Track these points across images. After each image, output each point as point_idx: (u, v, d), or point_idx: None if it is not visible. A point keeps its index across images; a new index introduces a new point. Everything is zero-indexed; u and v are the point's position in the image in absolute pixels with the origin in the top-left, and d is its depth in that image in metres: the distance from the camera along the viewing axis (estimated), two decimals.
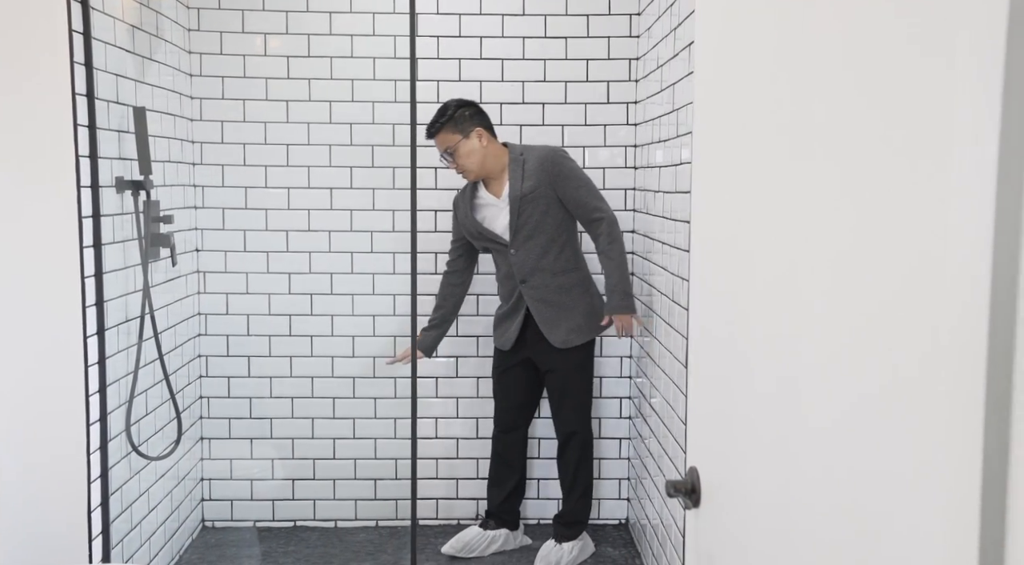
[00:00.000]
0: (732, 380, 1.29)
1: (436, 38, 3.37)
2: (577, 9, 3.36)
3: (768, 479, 1.15)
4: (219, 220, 3.40)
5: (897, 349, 0.81)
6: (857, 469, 0.90)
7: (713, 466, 1.38)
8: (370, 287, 3.45)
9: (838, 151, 0.94)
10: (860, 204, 0.88)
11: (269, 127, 3.38)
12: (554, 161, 3.00)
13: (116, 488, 2.66)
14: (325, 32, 3.35)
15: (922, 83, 0.77)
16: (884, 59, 0.84)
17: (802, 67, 1.04)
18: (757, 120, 1.19)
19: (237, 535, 3.51)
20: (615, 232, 3.01)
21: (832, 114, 0.95)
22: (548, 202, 3.00)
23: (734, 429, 1.29)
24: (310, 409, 3.50)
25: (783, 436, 1.10)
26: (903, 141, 0.80)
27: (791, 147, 1.07)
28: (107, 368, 2.55)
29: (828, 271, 0.96)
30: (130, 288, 2.76)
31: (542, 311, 3.09)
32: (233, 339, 3.46)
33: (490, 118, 3.09)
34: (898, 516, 0.81)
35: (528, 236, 3.03)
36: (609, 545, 3.42)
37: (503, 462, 3.30)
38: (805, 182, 1.02)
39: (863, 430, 0.88)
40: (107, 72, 2.58)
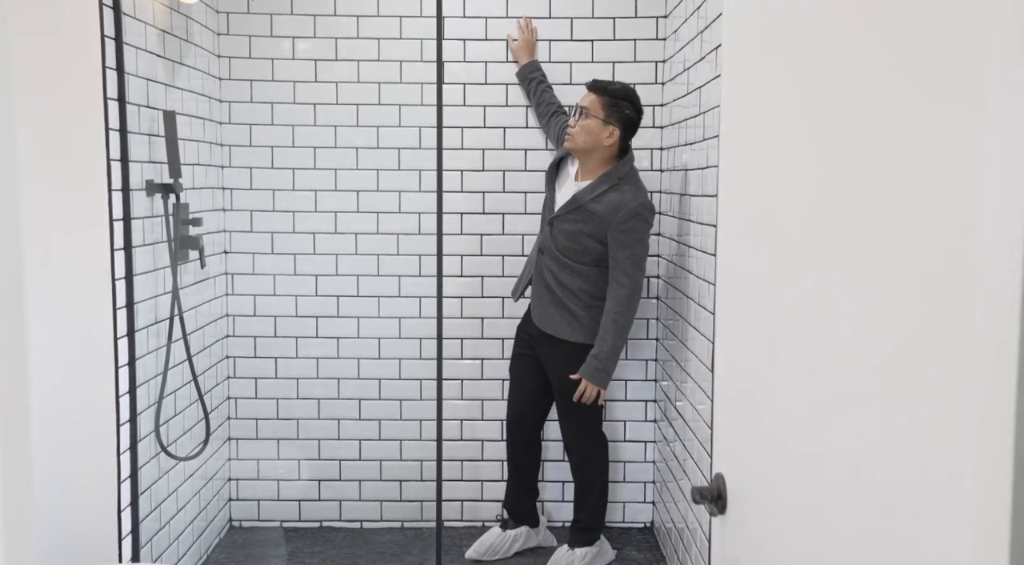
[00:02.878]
0: (759, 388, 1.28)
1: (463, 41, 3.38)
2: (603, 12, 3.36)
3: (795, 488, 1.15)
4: (247, 222, 3.43)
5: (927, 368, 0.81)
6: (887, 480, 0.89)
7: (739, 473, 1.37)
8: (396, 289, 3.46)
9: (866, 156, 0.93)
10: (888, 214, 0.88)
11: (297, 130, 3.40)
12: (629, 214, 2.90)
13: (145, 488, 2.69)
14: (352, 36, 3.37)
15: (952, 99, 0.76)
16: (914, 73, 0.84)
17: (832, 78, 1.03)
18: (785, 127, 1.19)
19: (264, 535, 3.54)
20: (627, 306, 2.93)
21: (863, 123, 0.95)
22: (593, 230, 2.97)
23: (761, 437, 1.28)
24: (336, 410, 3.52)
25: (810, 445, 1.09)
26: (933, 147, 0.79)
27: (817, 151, 1.06)
28: (137, 369, 2.58)
29: (857, 283, 0.96)
30: (160, 290, 2.79)
31: (539, 285, 3.09)
32: (261, 340, 3.49)
33: (636, 129, 3.02)
34: (928, 528, 0.80)
35: (568, 226, 3.00)
36: (634, 548, 3.41)
37: (513, 458, 3.30)
38: (832, 187, 1.02)
39: (892, 444, 0.88)
40: (138, 77, 2.61)
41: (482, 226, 3.46)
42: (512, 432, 3.30)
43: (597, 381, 2.99)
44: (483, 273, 3.47)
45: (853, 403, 0.97)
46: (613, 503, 3.55)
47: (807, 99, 1.10)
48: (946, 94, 0.78)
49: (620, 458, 3.56)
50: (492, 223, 3.46)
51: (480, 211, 3.45)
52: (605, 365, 2.97)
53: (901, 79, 0.86)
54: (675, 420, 3.09)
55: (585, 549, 3.20)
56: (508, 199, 3.44)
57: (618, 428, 3.55)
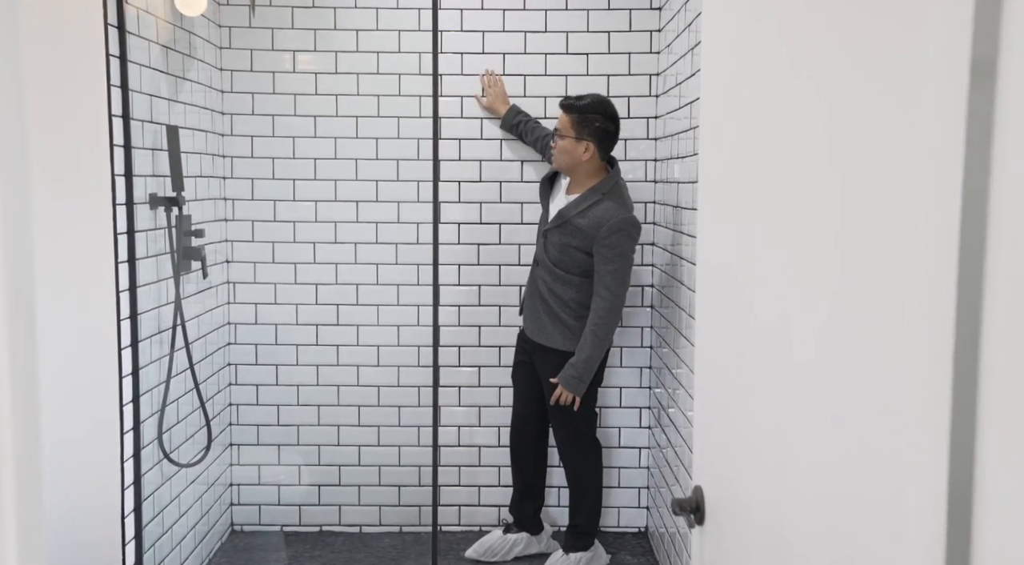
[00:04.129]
0: (732, 405, 1.35)
1: (460, 55, 3.44)
2: (598, 26, 3.42)
3: (763, 502, 1.21)
4: (249, 232, 3.49)
5: (871, 386, 0.87)
6: (842, 493, 0.95)
7: (716, 486, 1.43)
8: (395, 298, 3.53)
9: (818, 191, 0.99)
10: (848, 249, 0.94)
11: (298, 142, 3.47)
12: (612, 230, 2.96)
13: (148, 494, 2.75)
14: (352, 49, 3.43)
15: (898, 164, 0.83)
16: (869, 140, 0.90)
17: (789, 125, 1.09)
18: (751, 173, 1.25)
19: (265, 539, 3.60)
20: (606, 318, 2.99)
21: (821, 167, 1.01)
22: (580, 243, 3.03)
23: (734, 452, 1.34)
24: (336, 417, 3.59)
25: (776, 462, 1.16)
26: (878, 197, 0.86)
27: (777, 185, 1.13)
28: (140, 378, 2.64)
29: (814, 319, 1.02)
30: (163, 300, 2.85)
31: (533, 296, 3.17)
32: (262, 348, 3.55)
33: (615, 139, 3.08)
34: (876, 536, 0.87)
35: (557, 239, 3.08)
36: (628, 553, 3.47)
37: (515, 465, 3.37)
38: (794, 221, 1.08)
39: (845, 461, 0.94)
40: (142, 93, 2.68)
41: (479, 236, 3.52)
42: (513, 438, 3.37)
43: (572, 388, 3.06)
44: (480, 282, 3.54)
45: (811, 422, 1.03)
46: (608, 508, 3.61)
47: (773, 136, 1.17)
48: (895, 161, 0.84)
49: (615, 464, 3.62)
50: (489, 233, 3.52)
51: (477, 221, 3.51)
52: (580, 373, 3.04)
53: (849, 135, 0.93)
54: (667, 427, 3.15)
55: (580, 554, 3.26)
56: (505, 209, 3.51)
57: (613, 434, 3.61)
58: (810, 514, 1.04)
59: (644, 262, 3.52)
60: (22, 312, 0.74)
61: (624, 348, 3.55)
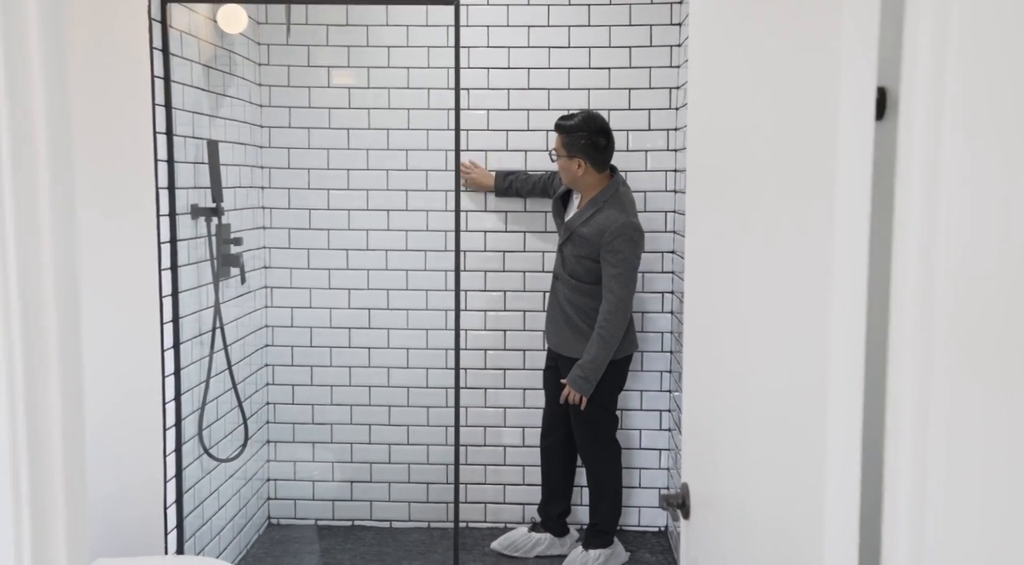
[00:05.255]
0: (711, 408, 1.47)
1: (486, 70, 3.58)
2: (620, 41, 3.54)
3: (730, 497, 1.33)
4: (285, 239, 3.67)
5: (801, 408, 1.00)
6: (783, 484, 1.07)
7: (699, 483, 1.55)
8: (423, 303, 3.68)
9: (763, 237, 1.12)
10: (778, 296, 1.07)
11: (331, 153, 3.63)
12: (613, 235, 3.10)
13: (189, 487, 2.93)
14: (384, 65, 3.59)
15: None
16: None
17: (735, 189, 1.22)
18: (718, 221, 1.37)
19: (300, 532, 3.77)
20: (611, 321, 3.11)
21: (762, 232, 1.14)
22: (589, 252, 3.17)
23: (712, 452, 1.46)
24: (368, 416, 3.75)
25: (738, 462, 1.28)
26: (798, 278, 0.98)
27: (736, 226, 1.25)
28: (182, 378, 2.82)
29: (767, 337, 1.15)
30: (203, 305, 3.03)
31: (555, 309, 3.31)
32: (297, 350, 3.72)
33: (608, 150, 3.20)
34: (809, 517, 0.99)
35: (569, 251, 3.22)
36: (647, 551, 3.58)
37: (543, 466, 3.50)
38: (746, 278, 1.20)
39: (783, 456, 1.06)
40: (184, 110, 2.86)
41: (505, 244, 3.66)
42: (542, 441, 3.51)
43: (579, 388, 3.19)
44: (505, 288, 3.67)
45: (765, 428, 1.16)
46: (628, 507, 3.72)
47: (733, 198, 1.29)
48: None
49: (636, 465, 3.73)
50: (514, 241, 3.66)
51: (503, 229, 3.65)
52: (587, 374, 3.17)
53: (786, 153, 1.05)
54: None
55: (599, 551, 3.38)
56: (529, 218, 3.64)
57: (634, 436, 3.72)
58: (764, 501, 1.16)
59: (664, 269, 3.63)
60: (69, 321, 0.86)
61: (645, 352, 3.66)
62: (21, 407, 0.77)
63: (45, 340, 0.79)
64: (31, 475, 0.78)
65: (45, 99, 0.79)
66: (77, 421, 0.85)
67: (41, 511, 0.80)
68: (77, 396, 0.85)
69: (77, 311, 0.85)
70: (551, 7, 3.54)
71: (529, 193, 3.57)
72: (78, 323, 0.86)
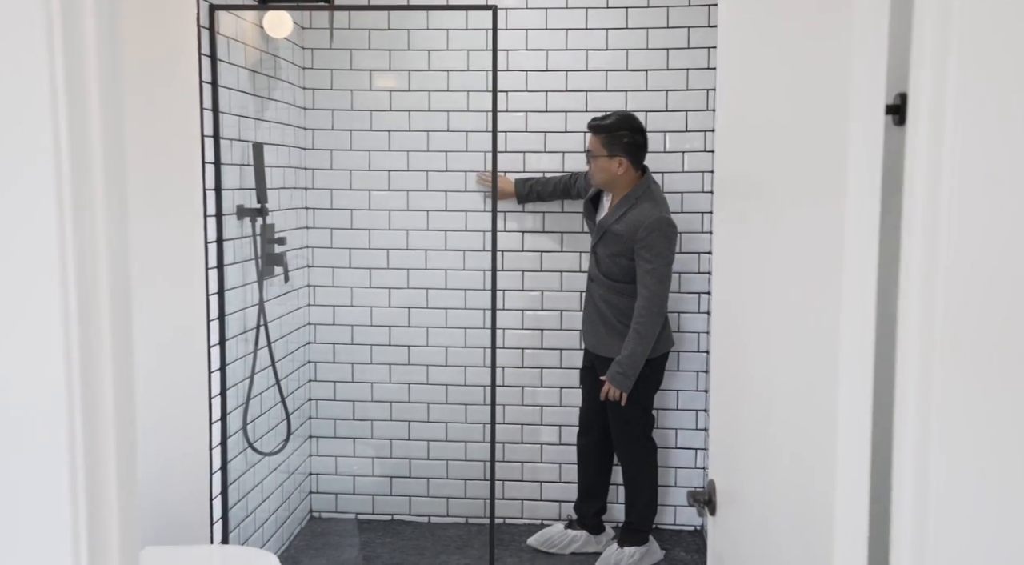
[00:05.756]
0: (737, 407, 1.50)
1: (524, 72, 3.63)
2: (657, 44, 3.56)
3: (754, 495, 1.36)
4: (328, 239, 3.75)
5: (819, 410, 1.03)
6: (803, 495, 1.11)
7: (725, 480, 1.59)
8: (462, 301, 3.74)
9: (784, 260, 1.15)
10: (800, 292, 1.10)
11: (373, 155, 3.71)
12: (648, 230, 3.13)
13: (234, 479, 3.02)
14: (424, 68, 3.66)
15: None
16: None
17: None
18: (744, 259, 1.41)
19: (341, 526, 3.86)
20: (647, 317, 3.14)
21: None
22: (622, 250, 3.21)
23: (737, 450, 1.50)
24: (407, 413, 3.82)
25: (759, 461, 1.31)
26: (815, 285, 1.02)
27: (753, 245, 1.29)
28: (227, 373, 2.91)
29: (787, 344, 1.18)
30: (248, 302, 3.12)
31: (591, 310, 3.35)
32: (339, 347, 3.81)
33: (646, 149, 3.25)
34: (823, 517, 1.02)
35: (604, 250, 3.25)
36: (683, 550, 3.61)
37: (579, 465, 3.55)
38: (771, 285, 1.24)
39: (809, 462, 1.10)
40: (231, 114, 2.95)
41: (542, 244, 3.71)
42: (579, 439, 3.55)
43: (618, 384, 3.22)
44: (543, 287, 3.72)
45: (783, 428, 1.19)
46: (664, 506, 3.75)
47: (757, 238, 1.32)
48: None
49: (672, 464, 3.76)
50: (552, 241, 3.70)
51: (540, 230, 3.70)
52: (625, 370, 3.20)
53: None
54: None
55: (634, 548, 3.41)
56: (566, 218, 3.68)
57: (669, 435, 3.75)
58: (782, 499, 1.20)
59: (700, 270, 3.65)
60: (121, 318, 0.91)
61: (681, 352, 3.68)
62: (78, 404, 0.83)
63: (99, 338, 0.85)
64: (87, 468, 0.84)
65: (100, 104, 0.85)
66: (128, 416, 0.90)
67: (95, 502, 0.85)
68: (128, 393, 0.90)
69: (128, 309, 0.90)
70: (589, 10, 3.58)
71: (550, 196, 3.61)
72: (129, 321, 0.91)
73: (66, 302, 0.81)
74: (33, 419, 0.81)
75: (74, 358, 0.81)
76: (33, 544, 0.83)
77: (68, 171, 0.80)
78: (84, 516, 0.84)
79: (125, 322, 0.89)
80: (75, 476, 0.83)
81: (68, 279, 0.81)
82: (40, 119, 0.79)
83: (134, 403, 0.92)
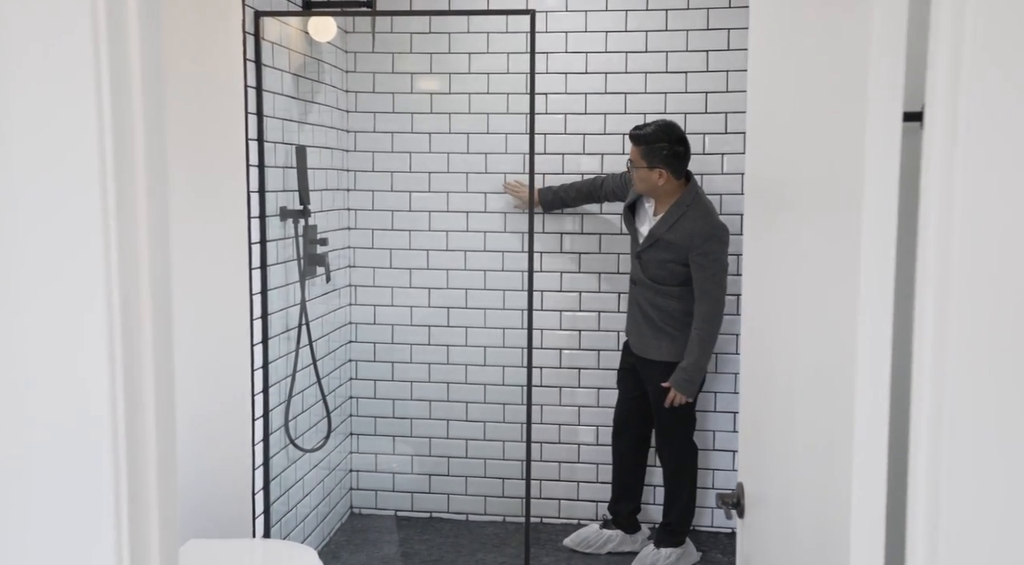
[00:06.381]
0: (764, 411, 1.51)
1: (564, 74, 3.65)
2: (697, 46, 3.57)
3: (780, 498, 1.38)
4: (369, 240, 3.81)
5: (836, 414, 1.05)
6: (823, 500, 1.12)
7: (754, 483, 1.60)
8: (501, 302, 3.77)
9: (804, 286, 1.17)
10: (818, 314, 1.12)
11: (413, 156, 3.76)
12: (704, 238, 3.16)
13: (276, 475, 3.09)
14: (464, 71, 3.70)
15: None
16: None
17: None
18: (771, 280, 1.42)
19: (380, 522, 3.92)
20: (710, 322, 3.17)
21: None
22: (675, 256, 3.22)
23: (764, 454, 1.51)
24: (446, 411, 3.87)
25: (784, 465, 1.32)
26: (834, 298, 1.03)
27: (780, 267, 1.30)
28: (269, 371, 2.98)
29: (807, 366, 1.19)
30: (290, 302, 3.19)
31: (635, 314, 3.36)
32: (379, 346, 3.87)
33: (687, 158, 3.24)
34: (842, 523, 1.04)
35: (653, 257, 3.27)
36: (719, 552, 3.61)
37: (615, 465, 3.56)
38: (792, 301, 1.25)
39: (829, 463, 1.11)
40: (275, 117, 3.01)
41: (581, 245, 3.73)
42: (614, 439, 3.57)
43: (684, 391, 3.23)
44: (581, 289, 3.74)
45: (806, 433, 1.20)
46: (701, 508, 3.75)
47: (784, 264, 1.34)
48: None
49: (710, 466, 3.75)
50: (590, 242, 3.72)
51: (579, 231, 3.72)
52: (691, 376, 3.21)
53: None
54: None
55: (670, 549, 3.42)
56: (604, 220, 3.70)
57: (708, 437, 3.74)
58: (805, 503, 1.21)
59: (738, 272, 3.64)
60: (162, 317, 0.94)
61: (719, 354, 3.68)
62: (121, 405, 0.87)
63: (141, 338, 0.89)
64: (128, 464, 0.88)
65: (143, 110, 0.89)
66: (168, 416, 0.94)
67: (136, 498, 0.89)
68: (168, 393, 0.94)
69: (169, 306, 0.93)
70: (628, 12, 3.59)
71: (575, 202, 3.62)
72: (170, 319, 0.94)
73: (109, 301, 0.85)
74: (78, 418, 0.86)
75: (117, 358, 0.86)
76: (76, 536, 0.87)
77: (112, 174, 0.84)
78: (126, 513, 0.87)
79: (166, 322, 0.93)
80: (118, 473, 0.87)
81: (111, 280, 0.85)
82: (87, 143, 0.83)
83: (174, 405, 0.96)
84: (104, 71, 0.83)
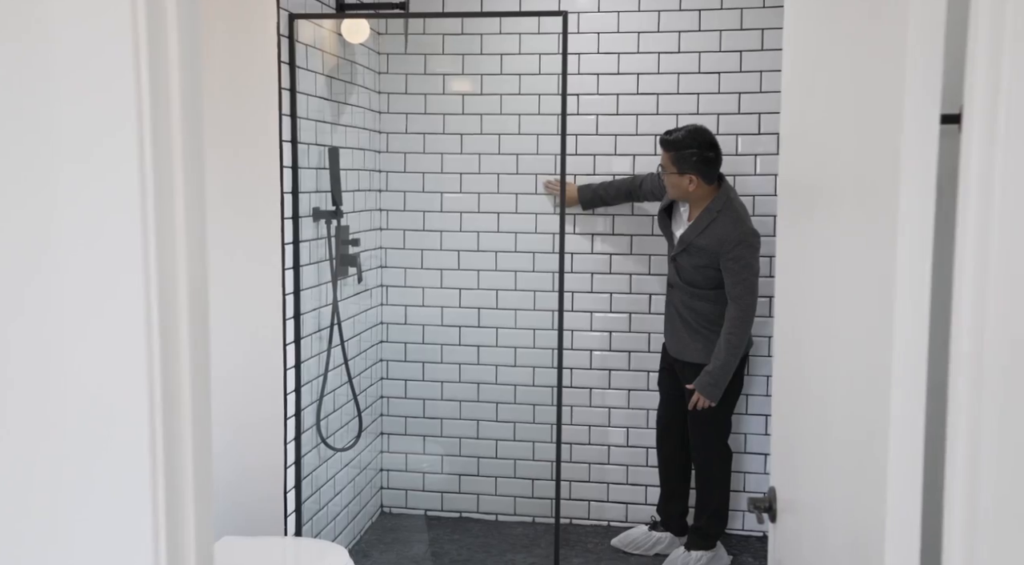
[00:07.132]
0: (796, 416, 1.50)
1: (596, 75, 3.65)
2: (730, 46, 3.54)
3: (813, 503, 1.37)
4: (401, 240, 3.83)
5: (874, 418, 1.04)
6: (856, 506, 1.11)
7: (786, 487, 1.59)
8: (531, 303, 3.78)
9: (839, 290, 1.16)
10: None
11: (445, 158, 3.77)
12: (734, 243, 3.14)
13: (307, 474, 3.11)
14: (496, 72, 3.71)
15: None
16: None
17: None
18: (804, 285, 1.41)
19: (410, 521, 3.93)
20: (739, 326, 3.16)
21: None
22: (708, 261, 3.21)
23: (796, 457, 1.50)
24: (476, 412, 3.88)
25: (816, 470, 1.31)
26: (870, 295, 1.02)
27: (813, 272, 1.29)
28: (302, 371, 3.01)
29: (842, 368, 1.18)
30: (323, 302, 3.21)
31: (672, 317, 3.36)
32: (410, 346, 3.88)
33: (718, 162, 3.23)
34: (876, 531, 1.03)
35: (686, 261, 3.26)
36: (751, 556, 3.58)
37: (660, 470, 3.56)
38: (826, 306, 1.24)
39: (861, 467, 1.10)
40: (308, 119, 3.04)
41: (612, 246, 3.72)
42: (659, 442, 3.57)
43: (708, 394, 3.22)
44: (611, 290, 3.73)
45: (839, 437, 1.19)
46: (733, 512, 3.72)
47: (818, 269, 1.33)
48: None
49: (742, 469, 3.73)
50: (621, 244, 3.71)
51: (610, 232, 3.71)
52: (716, 380, 3.20)
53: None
54: None
55: (701, 552, 3.40)
56: (636, 221, 3.69)
57: (740, 440, 3.72)
58: (837, 509, 1.20)
59: (772, 274, 3.61)
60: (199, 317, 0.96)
61: (751, 356, 3.65)
62: (159, 404, 0.89)
63: (178, 338, 0.91)
64: (166, 461, 0.90)
65: (181, 111, 0.90)
66: (204, 414, 0.96)
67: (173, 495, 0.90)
68: (204, 392, 0.95)
69: (206, 306, 0.95)
70: (661, 13, 3.58)
71: (614, 200, 3.62)
72: (206, 319, 0.95)
73: (148, 301, 0.86)
74: (117, 417, 0.87)
75: (155, 357, 0.87)
76: (115, 532, 0.89)
77: (152, 176, 0.86)
78: (163, 511, 0.89)
79: (202, 323, 0.94)
80: (156, 472, 0.88)
81: (150, 281, 0.86)
82: (127, 150, 0.85)
83: (209, 404, 0.97)
84: (144, 74, 0.84)
